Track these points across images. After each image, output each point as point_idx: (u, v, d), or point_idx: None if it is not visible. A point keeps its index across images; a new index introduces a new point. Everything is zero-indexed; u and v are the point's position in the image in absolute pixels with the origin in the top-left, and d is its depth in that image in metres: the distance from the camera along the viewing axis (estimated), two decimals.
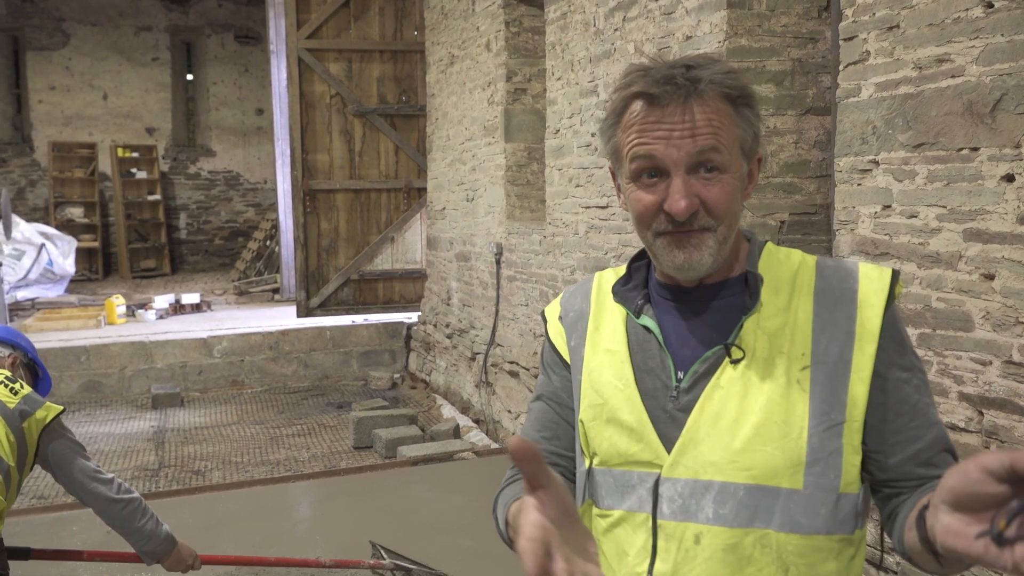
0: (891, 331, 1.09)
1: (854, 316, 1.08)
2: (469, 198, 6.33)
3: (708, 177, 1.05)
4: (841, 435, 1.05)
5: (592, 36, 4.31)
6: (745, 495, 1.05)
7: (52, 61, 13.01)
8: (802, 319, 1.09)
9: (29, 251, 9.69)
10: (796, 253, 1.17)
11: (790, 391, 1.06)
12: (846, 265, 1.13)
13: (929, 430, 1.08)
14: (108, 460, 5.43)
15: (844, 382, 1.06)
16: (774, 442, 1.04)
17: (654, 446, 1.09)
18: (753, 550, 1.04)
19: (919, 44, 2.38)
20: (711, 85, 1.05)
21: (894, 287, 1.11)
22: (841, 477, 1.05)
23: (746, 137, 1.09)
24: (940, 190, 2.34)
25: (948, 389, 2.35)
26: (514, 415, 5.48)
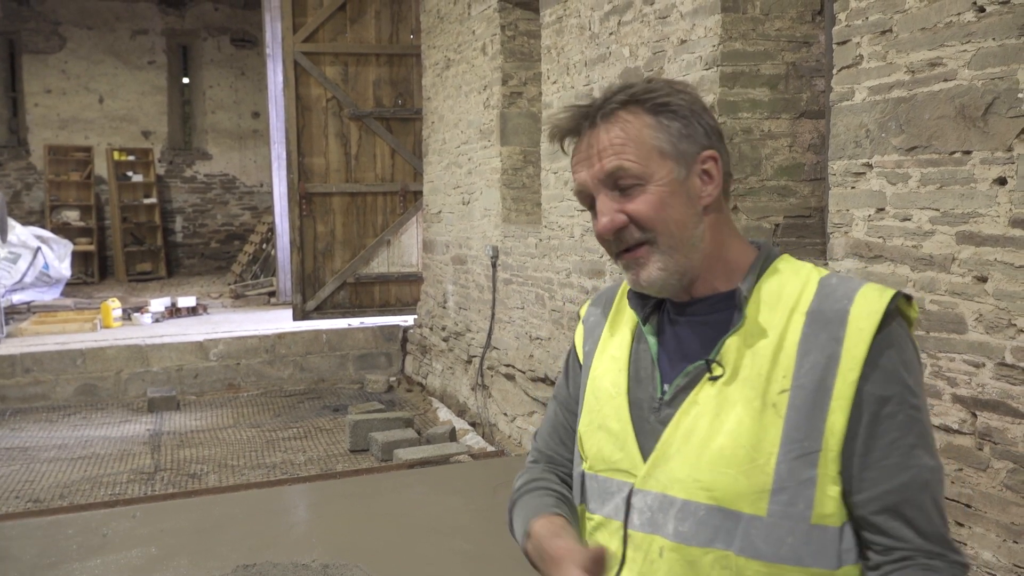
0: (882, 359, 1.01)
1: (841, 339, 1.01)
2: (465, 201, 6.34)
3: (629, 192, 1.08)
4: (816, 464, 1.00)
5: (587, 40, 4.33)
6: (705, 515, 1.04)
7: (48, 64, 13.00)
8: (790, 339, 1.04)
9: (25, 254, 9.67)
10: (806, 269, 1.11)
11: (764, 414, 1.02)
12: (849, 284, 1.06)
13: (901, 473, 1.00)
14: (104, 463, 5.43)
15: (823, 409, 1.00)
16: (739, 465, 1.02)
17: (633, 456, 1.10)
18: (711, 570, 1.03)
19: (912, 48, 2.40)
20: (619, 104, 1.09)
21: (892, 310, 1.03)
22: (814, 508, 1.00)
23: (669, 143, 1.08)
24: (933, 193, 2.36)
25: (941, 391, 2.36)
26: (510, 418, 5.49)
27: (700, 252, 1.10)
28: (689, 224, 1.09)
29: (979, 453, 2.26)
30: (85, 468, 5.35)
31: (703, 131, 1.11)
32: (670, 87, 1.11)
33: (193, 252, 13.90)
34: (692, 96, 1.13)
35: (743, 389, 1.04)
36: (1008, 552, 2.19)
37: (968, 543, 2.30)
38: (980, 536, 2.27)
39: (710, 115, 1.13)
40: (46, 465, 5.42)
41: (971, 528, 2.29)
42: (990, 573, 2.24)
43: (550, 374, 4.95)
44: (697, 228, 1.10)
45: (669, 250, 1.08)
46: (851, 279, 1.09)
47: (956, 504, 2.33)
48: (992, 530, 2.23)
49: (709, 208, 1.11)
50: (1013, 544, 2.17)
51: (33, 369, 6.92)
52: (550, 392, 4.97)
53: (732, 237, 1.14)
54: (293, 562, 3.52)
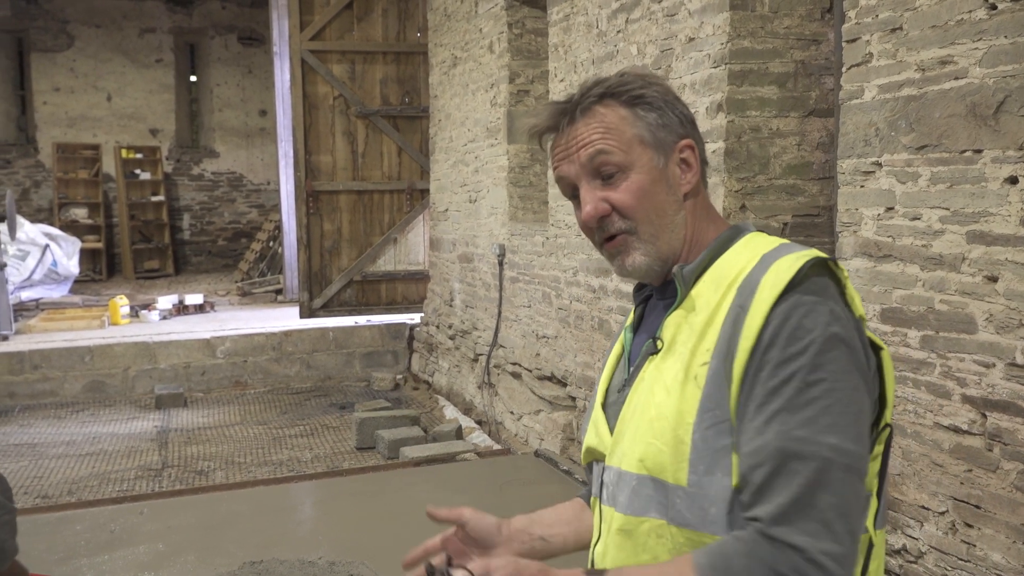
0: (773, 325, 0.98)
1: (747, 308, 1.00)
2: (472, 199, 6.34)
3: (611, 180, 1.12)
4: (728, 433, 0.99)
5: (595, 38, 4.32)
6: (637, 484, 1.07)
7: (56, 63, 13.04)
8: (720, 313, 1.04)
9: (33, 252, 9.71)
10: (764, 244, 1.09)
11: (686, 386, 1.04)
12: (777, 254, 1.04)
13: (757, 437, 0.96)
14: (112, 460, 5.44)
15: (728, 379, 1.00)
16: (662, 437, 1.04)
17: (604, 437, 1.18)
18: (648, 538, 1.06)
19: (922, 46, 2.38)
20: (595, 97, 1.13)
21: (800, 278, 0.99)
22: (732, 476, 0.98)
23: (647, 132, 1.12)
24: (943, 192, 2.34)
25: (951, 391, 2.35)
26: (516, 416, 5.48)
27: (680, 237, 1.14)
28: (669, 211, 1.13)
29: (989, 454, 2.25)
30: (93, 464, 5.37)
31: (678, 120, 1.14)
32: (643, 80, 1.15)
33: (200, 250, 13.93)
34: (664, 87, 1.17)
35: (673, 363, 1.07)
36: (1018, 554, 2.17)
37: (977, 544, 2.29)
38: (990, 538, 2.25)
39: (683, 105, 1.17)
40: (54, 461, 5.44)
41: (980, 529, 2.28)
42: (999, 575, 2.23)
43: (557, 372, 4.95)
44: (678, 214, 1.13)
45: (651, 237, 1.12)
46: (789, 249, 1.05)
47: (966, 505, 2.32)
48: (1002, 531, 2.21)
49: (688, 195, 1.15)
50: (1023, 546, 2.16)
51: (42, 366, 6.95)
52: (557, 391, 4.96)
53: (708, 221, 1.17)
54: (300, 559, 3.52)
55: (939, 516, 2.40)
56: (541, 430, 5.06)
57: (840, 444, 0.94)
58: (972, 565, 2.31)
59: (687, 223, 1.14)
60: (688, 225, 1.14)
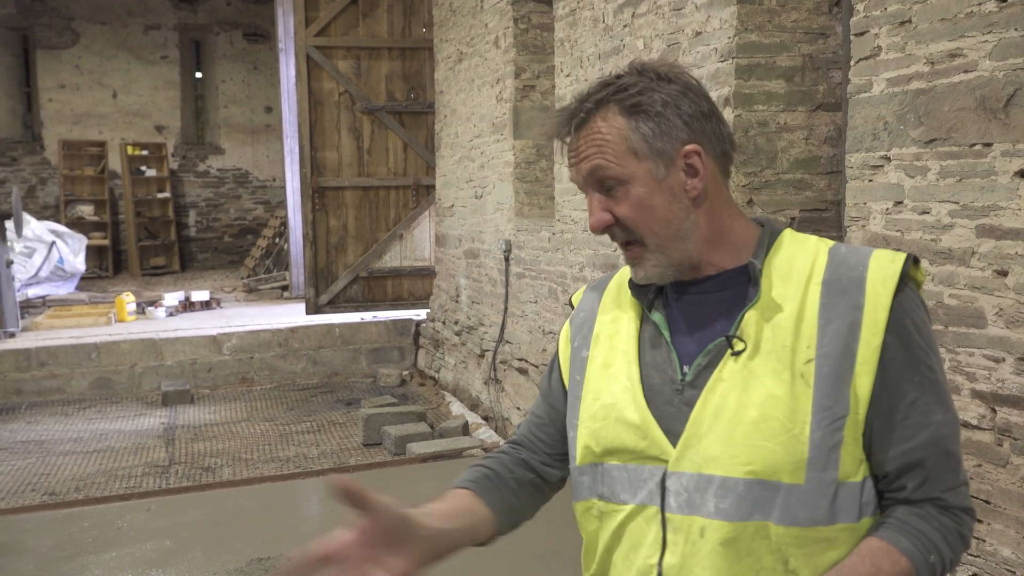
0: (900, 323, 1.05)
1: (861, 306, 1.05)
2: (478, 195, 6.33)
3: (613, 193, 1.11)
4: (843, 428, 1.04)
5: (601, 32, 4.30)
6: (744, 489, 1.04)
7: (62, 60, 13.06)
8: (809, 310, 1.06)
9: (40, 249, 9.73)
10: (812, 241, 1.14)
11: (794, 385, 1.04)
12: (859, 252, 1.10)
13: (921, 432, 1.05)
14: (119, 457, 5.46)
15: (848, 375, 1.03)
16: (775, 438, 1.03)
17: (659, 442, 1.10)
18: (752, 542, 1.05)
19: (931, 39, 2.36)
20: (593, 106, 1.11)
21: (906, 273, 1.07)
22: (839, 468, 1.04)
23: (643, 143, 1.09)
24: (952, 186, 2.33)
25: (961, 386, 2.33)
26: (523, 412, 5.48)
27: (694, 241, 1.12)
28: (675, 220, 1.11)
29: (999, 449, 2.24)
30: (100, 461, 5.38)
31: (682, 124, 1.10)
32: (645, 81, 1.11)
33: (206, 246, 13.95)
34: (674, 86, 1.11)
35: (768, 362, 1.06)
36: None
37: (987, 540, 2.28)
38: (999, 533, 2.24)
39: (693, 100, 1.11)
40: (62, 458, 5.46)
41: (990, 524, 2.27)
42: (1009, 570, 2.22)
43: None
44: (686, 221, 1.11)
45: (658, 248, 1.12)
46: (858, 247, 1.12)
47: (976, 500, 2.31)
48: (1012, 527, 2.20)
49: (699, 198, 1.12)
50: None
51: (48, 363, 6.97)
52: None
53: (733, 217, 1.16)
54: None
55: None
56: None
57: (955, 413, 1.10)
58: (982, 560, 2.29)
59: (701, 225, 1.12)
60: (704, 226, 1.12)
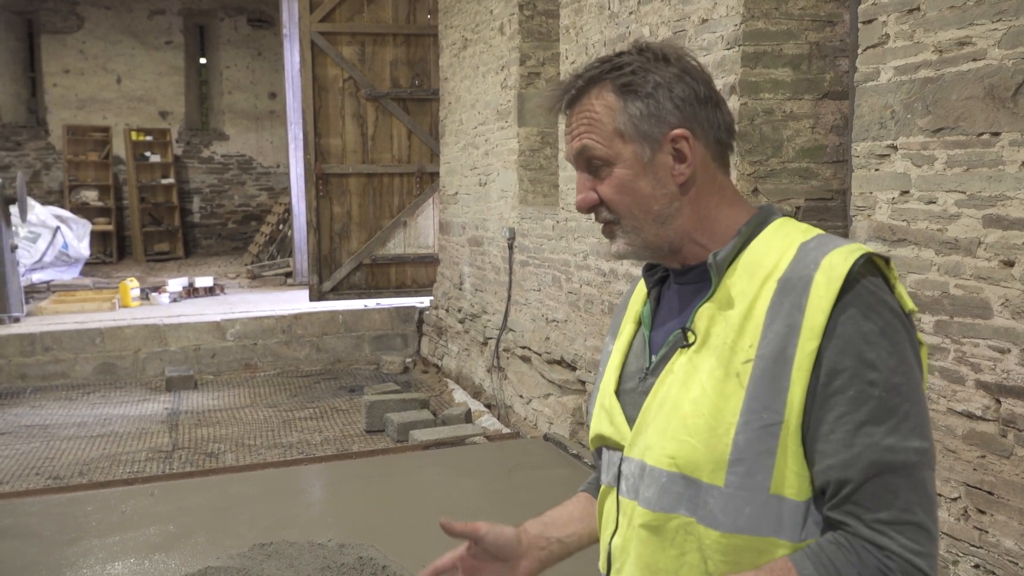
0: (839, 328, 0.96)
1: (803, 308, 0.98)
2: (482, 183, 6.32)
3: (598, 172, 1.11)
4: (777, 436, 0.98)
5: (607, 19, 4.27)
6: (667, 481, 1.05)
7: (66, 44, 13.03)
8: (759, 307, 1.01)
9: (44, 234, 9.74)
10: (795, 233, 1.07)
11: (726, 384, 1.01)
12: (822, 248, 1.02)
13: (844, 450, 0.95)
14: (122, 442, 5.48)
15: (784, 381, 0.97)
16: (698, 435, 1.01)
17: (621, 428, 1.14)
18: (676, 535, 1.05)
19: (940, 27, 2.34)
20: (587, 83, 1.10)
21: (855, 274, 0.98)
22: (772, 479, 0.98)
23: (630, 125, 1.08)
24: (959, 175, 2.31)
25: (965, 377, 2.33)
26: (526, 400, 5.48)
27: (674, 228, 1.10)
28: (657, 203, 1.09)
29: (1003, 440, 2.23)
30: (104, 446, 5.40)
31: (672, 107, 1.07)
32: (643, 60, 1.09)
33: (210, 232, 13.96)
34: (670, 69, 1.09)
35: (709, 357, 1.04)
36: None
37: (990, 531, 2.27)
38: (1002, 524, 2.24)
39: (689, 84, 1.09)
40: (66, 443, 5.48)
41: (993, 516, 2.26)
42: (1012, 561, 2.22)
43: (566, 356, 4.94)
44: (670, 205, 1.09)
45: (633, 229, 1.11)
46: (831, 241, 1.03)
47: (979, 491, 2.30)
48: (1015, 518, 2.20)
49: (686, 185, 1.09)
50: None
51: (53, 348, 6.98)
52: (566, 375, 4.96)
53: (723, 206, 1.12)
54: (309, 541, 3.53)
55: (952, 502, 2.39)
56: (550, 414, 5.06)
57: (922, 445, 0.96)
58: (984, 551, 2.29)
59: (685, 213, 1.10)
60: (688, 212, 1.10)
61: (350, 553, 3.42)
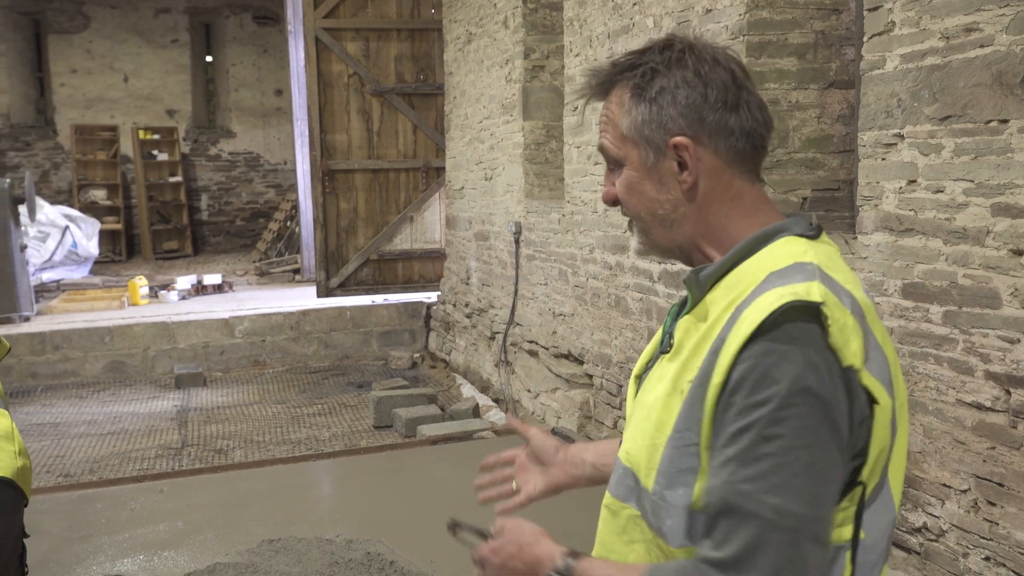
0: (740, 369, 0.95)
1: (725, 341, 0.98)
2: (487, 177, 6.30)
3: (615, 170, 1.13)
4: (697, 455, 1.00)
5: (610, 11, 4.25)
6: (622, 474, 1.11)
7: (73, 44, 13.06)
8: (715, 330, 1.02)
9: (54, 233, 9.79)
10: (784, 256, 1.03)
11: (671, 398, 1.04)
12: (774, 282, 0.99)
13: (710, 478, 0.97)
14: (132, 439, 5.50)
15: (702, 404, 0.99)
16: (644, 440, 1.07)
17: (628, 410, 1.21)
18: (627, 523, 1.10)
19: (946, 13, 2.31)
20: (606, 80, 1.11)
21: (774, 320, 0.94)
22: (693, 496, 0.99)
23: (634, 129, 1.07)
24: (967, 164, 2.29)
25: (974, 368, 2.30)
26: (533, 394, 5.48)
27: (681, 232, 1.10)
28: (660, 208, 1.10)
29: (1012, 431, 2.21)
30: (114, 443, 5.43)
31: (676, 114, 1.05)
32: (657, 61, 1.07)
33: (218, 230, 13.99)
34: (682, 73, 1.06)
35: (673, 369, 1.07)
36: None
37: (1000, 523, 2.25)
38: (1013, 516, 2.22)
39: (700, 90, 1.05)
40: (76, 440, 5.51)
41: (1003, 507, 2.24)
42: (1022, 553, 2.20)
43: (573, 350, 4.93)
44: (675, 211, 1.09)
45: (643, 230, 1.13)
46: (791, 276, 0.99)
47: (988, 483, 2.28)
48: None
49: (692, 192, 1.07)
50: None
51: (63, 346, 7.02)
52: (573, 369, 4.94)
53: (737, 214, 1.08)
54: (317, 537, 3.54)
55: (961, 494, 2.37)
56: (558, 408, 5.05)
57: (784, 505, 0.91)
58: (994, 543, 2.27)
59: (691, 220, 1.08)
60: (693, 222, 1.08)
61: (358, 549, 3.42)
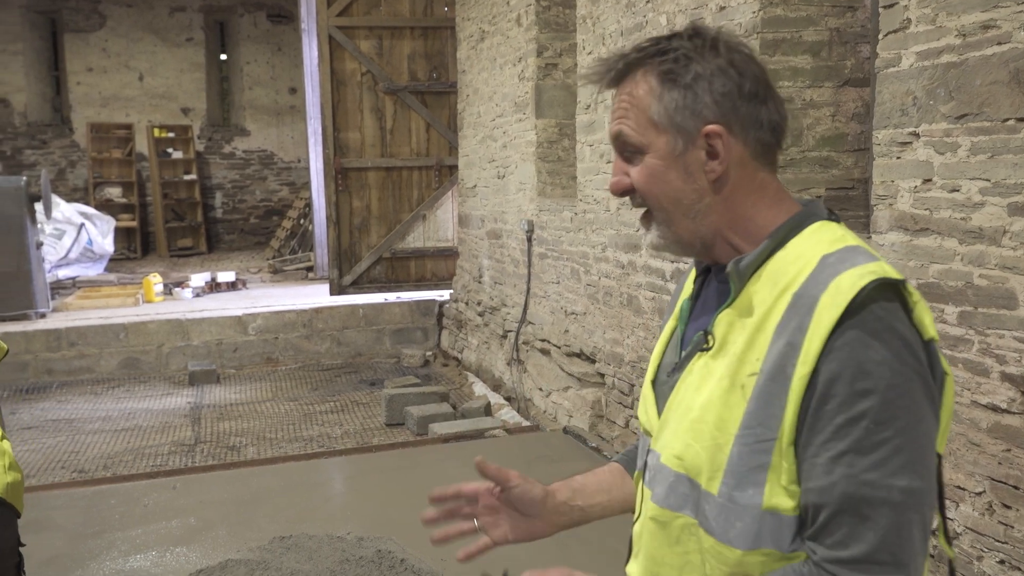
0: (836, 355, 0.92)
1: (805, 329, 0.94)
2: (500, 175, 6.30)
3: (631, 158, 1.08)
4: (770, 452, 0.96)
5: (623, 9, 4.23)
6: (674, 480, 1.06)
7: (89, 43, 13.15)
8: (771, 321, 0.99)
9: (69, 231, 9.86)
10: (825, 240, 1.01)
11: (731, 394, 1.00)
12: (839, 266, 0.97)
13: (823, 476, 0.93)
14: (146, 435, 5.53)
15: (780, 399, 0.95)
16: (701, 441, 1.02)
17: (652, 417, 1.15)
18: (681, 533, 1.06)
19: (963, 10, 2.29)
20: (633, 63, 1.06)
21: (862, 300, 0.92)
22: (764, 495, 0.97)
23: (664, 115, 1.04)
24: (984, 163, 2.26)
25: (990, 369, 2.28)
26: (545, 393, 5.47)
27: (705, 224, 1.06)
28: (686, 198, 1.05)
29: None
30: (128, 440, 5.46)
31: (710, 101, 1.03)
32: (689, 47, 1.04)
33: (232, 228, 14.05)
34: (716, 61, 1.03)
35: (723, 364, 1.02)
36: None
37: (1015, 526, 2.23)
38: None
39: (734, 78, 1.03)
40: (91, 436, 5.55)
41: (1018, 510, 2.22)
42: None
43: (585, 349, 4.92)
44: (700, 201, 1.05)
45: (664, 221, 1.08)
46: (852, 257, 0.97)
47: (1004, 486, 2.26)
48: None
49: (719, 183, 1.05)
50: None
51: (78, 343, 7.07)
52: (585, 367, 4.93)
53: (760, 206, 1.06)
54: (328, 534, 3.55)
55: (976, 496, 2.34)
56: (570, 407, 5.04)
57: (911, 484, 0.91)
58: (1009, 547, 2.25)
59: (717, 211, 1.05)
60: (719, 213, 1.05)
61: (369, 546, 3.43)
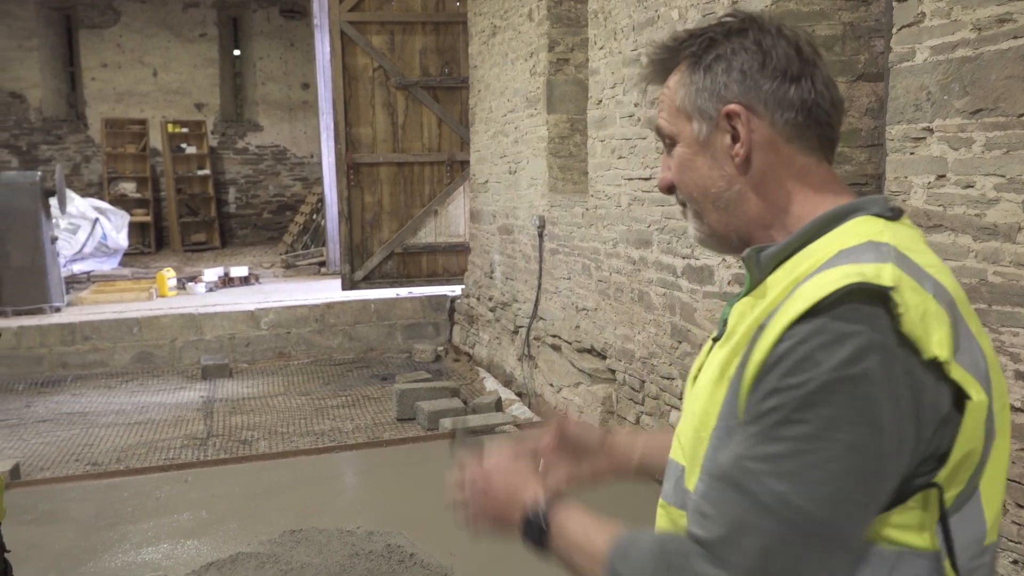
0: (786, 344, 0.84)
1: (774, 315, 0.89)
2: (512, 171, 6.29)
3: (671, 152, 1.05)
4: None
5: (635, 3, 4.21)
6: (679, 476, 1.01)
7: (104, 39, 13.22)
8: (769, 309, 0.93)
9: (84, 225, 9.93)
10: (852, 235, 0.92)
11: (718, 387, 0.94)
12: (842, 259, 0.89)
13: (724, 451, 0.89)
14: (159, 429, 5.57)
15: (738, 388, 0.91)
16: (690, 433, 0.98)
17: None
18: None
19: (978, 4, 2.26)
20: (668, 55, 1.04)
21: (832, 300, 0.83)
22: None
23: (688, 100, 1.00)
24: (999, 159, 2.24)
25: (1004, 367, 2.26)
26: (556, 388, 5.46)
27: (739, 216, 1.00)
28: (714, 186, 1.00)
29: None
30: (141, 433, 5.50)
31: (731, 80, 0.97)
32: (718, 31, 1.00)
33: (246, 223, 14.10)
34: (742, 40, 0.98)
35: (724, 355, 0.97)
36: None
37: None
38: None
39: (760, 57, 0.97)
40: (104, 430, 5.59)
41: None
42: None
43: (596, 345, 4.91)
44: (730, 188, 1.00)
45: (697, 214, 1.04)
46: (862, 253, 0.89)
47: (1018, 486, 2.24)
48: None
49: (745, 167, 0.99)
50: None
51: (92, 337, 7.12)
52: (596, 363, 4.92)
53: (803, 192, 0.99)
54: (339, 528, 3.56)
55: None
56: (580, 403, 5.04)
57: (788, 496, 0.82)
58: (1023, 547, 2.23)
59: (751, 200, 0.99)
60: (753, 203, 0.99)
61: (379, 540, 3.44)
